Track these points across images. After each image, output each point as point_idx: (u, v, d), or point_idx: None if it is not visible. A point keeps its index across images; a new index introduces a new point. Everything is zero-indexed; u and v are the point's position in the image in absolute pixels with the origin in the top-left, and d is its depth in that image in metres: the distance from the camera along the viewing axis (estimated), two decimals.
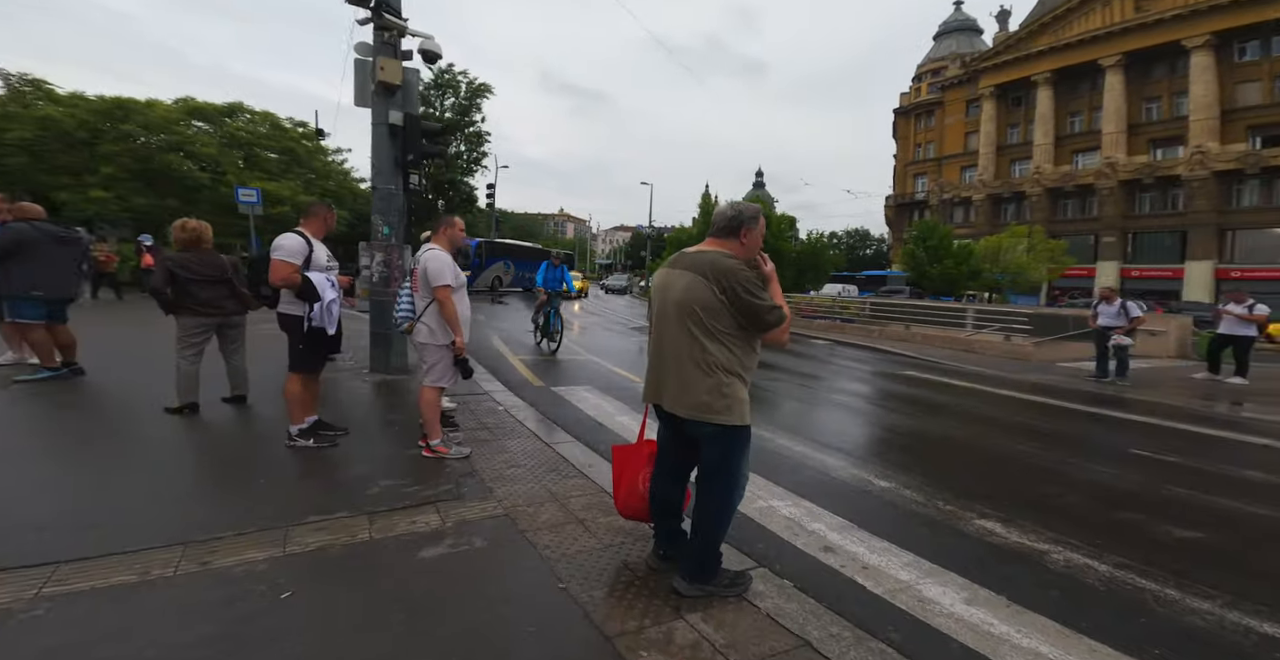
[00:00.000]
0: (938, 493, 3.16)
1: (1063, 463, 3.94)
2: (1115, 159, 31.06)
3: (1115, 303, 8.45)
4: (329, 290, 2.93)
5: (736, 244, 1.87)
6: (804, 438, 4.25)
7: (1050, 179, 33.74)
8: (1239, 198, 27.61)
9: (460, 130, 34.07)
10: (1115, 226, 31.24)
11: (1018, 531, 2.63)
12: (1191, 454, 4.31)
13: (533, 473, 3.04)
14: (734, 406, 1.78)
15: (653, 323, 1.99)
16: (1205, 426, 5.40)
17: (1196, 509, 3.12)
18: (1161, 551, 2.51)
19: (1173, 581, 2.20)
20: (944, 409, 5.87)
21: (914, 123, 46.23)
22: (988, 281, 26.80)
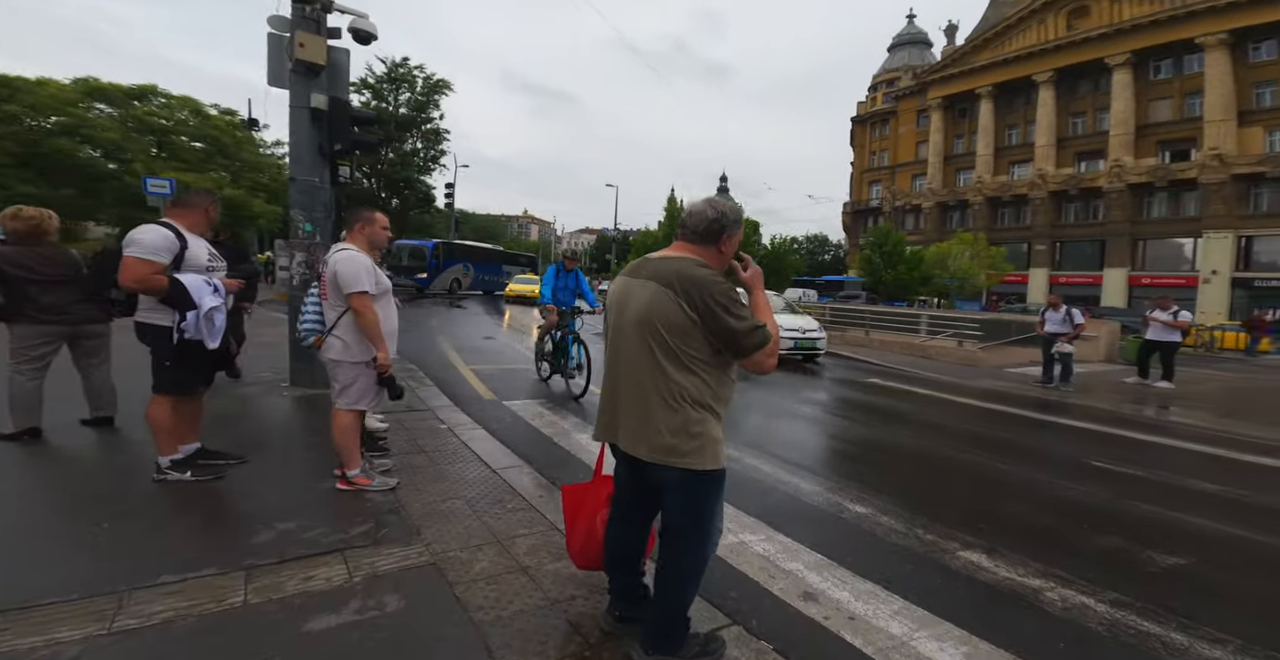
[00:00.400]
0: (915, 518, 2.96)
1: (1030, 478, 3.86)
2: (1045, 171, 33.02)
3: (1061, 310, 8.74)
4: (209, 296, 2.39)
5: (713, 252, 1.54)
6: (773, 456, 4.01)
7: (990, 189, 35.60)
8: (1149, 209, 29.82)
9: (417, 127, 32.73)
10: (1045, 235, 33.18)
11: (1005, 564, 2.44)
12: (1145, 464, 4.34)
13: (472, 506, 2.63)
14: (705, 448, 1.46)
15: (607, 343, 1.64)
16: (1151, 434, 5.53)
17: (1168, 529, 3.05)
18: (1152, 584, 2.37)
19: (1174, 622, 2.04)
20: (910, 420, 5.80)
21: (870, 131, 47.98)
22: (937, 287, 27.95)
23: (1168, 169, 28.33)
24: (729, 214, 1.54)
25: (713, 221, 1.52)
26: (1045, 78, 33.22)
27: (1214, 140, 27.04)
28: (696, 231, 1.54)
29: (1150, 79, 30.12)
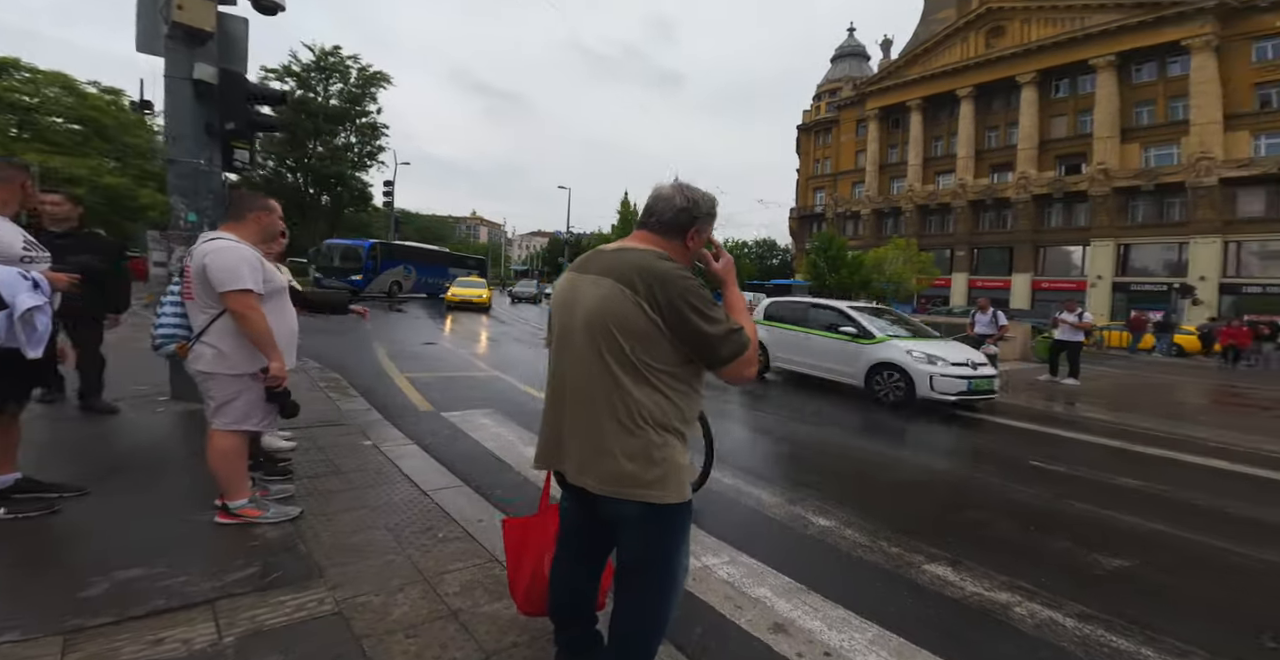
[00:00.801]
0: (879, 530, 2.86)
1: (978, 480, 3.93)
2: (965, 181, 35.41)
3: (989, 312, 9.27)
4: (25, 293, 1.83)
5: (680, 246, 1.31)
6: (732, 466, 3.83)
7: (919, 197, 37.84)
8: (1049, 219, 32.55)
9: (350, 120, 30.80)
10: (965, 242, 35.59)
11: (970, 578, 2.36)
12: (1072, 462, 4.53)
13: (396, 536, 2.26)
14: (669, 477, 1.20)
15: (552, 352, 1.36)
16: (1070, 430, 5.86)
17: (1105, 529, 3.11)
18: (1106, 591, 2.36)
19: (1140, 635, 2.01)
20: (860, 424, 5.85)
21: (814, 139, 49.91)
22: (876, 291, 29.37)
23: (1063, 182, 31.05)
24: (701, 203, 1.30)
25: (682, 211, 1.28)
26: (966, 93, 35.67)
27: (1101, 156, 29.84)
28: (663, 221, 1.29)
29: (1051, 97, 32.88)
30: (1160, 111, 29.03)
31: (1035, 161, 32.85)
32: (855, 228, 42.45)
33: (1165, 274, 27.99)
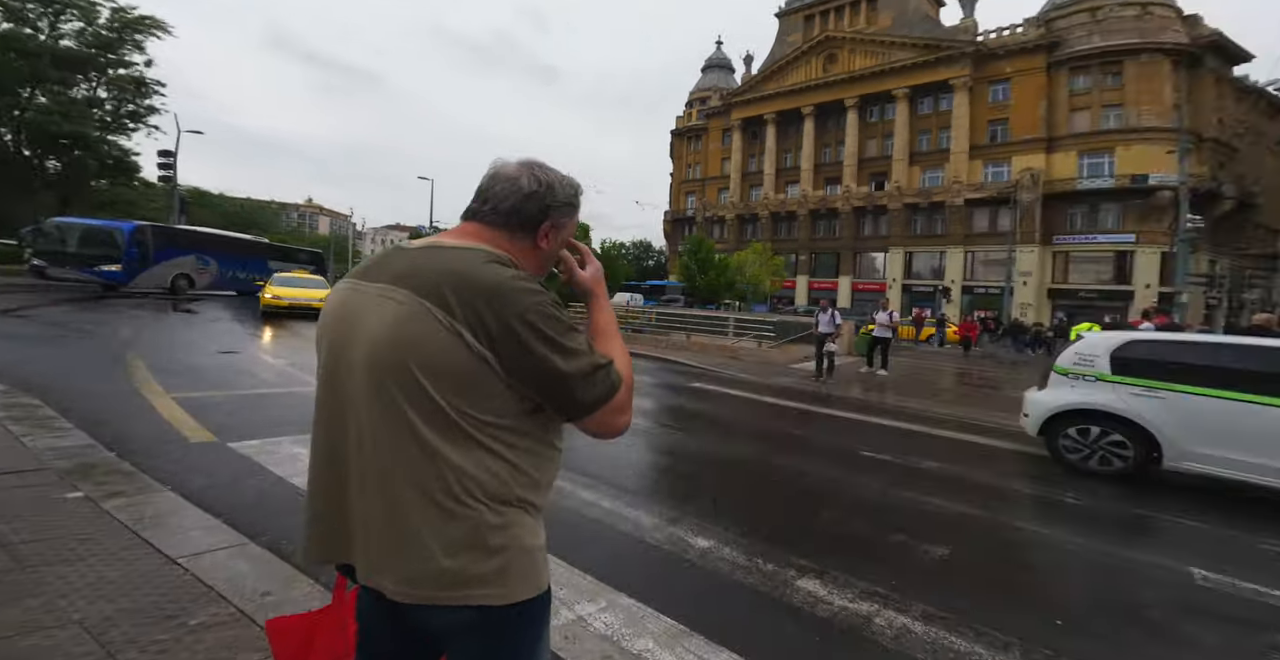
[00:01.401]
0: (754, 545, 2.88)
1: (828, 477, 4.24)
2: (806, 192, 40.29)
3: (829, 312, 10.43)
4: None
5: (527, 245, 0.92)
6: (607, 484, 3.64)
7: (772, 205, 41.97)
8: (863, 228, 38.26)
9: (97, 70, 24.40)
10: (806, 247, 40.45)
11: (836, 589, 2.45)
12: (893, 449, 5.17)
13: (100, 636, 1.60)
14: (513, 567, 0.83)
15: (318, 399, 0.91)
16: (888, 418, 6.72)
17: (927, 517, 3.49)
18: (941, 586, 2.58)
19: (969, 630, 2.19)
20: (729, 426, 6.09)
21: (686, 145, 52.44)
22: (739, 292, 31.91)
23: (873, 196, 36.91)
24: (559, 188, 0.93)
25: (530, 197, 0.90)
26: (809, 111, 40.44)
27: (896, 175, 36.19)
28: (502, 210, 0.89)
29: (868, 121, 38.72)
30: (934, 140, 35.68)
31: (856, 177, 38.36)
32: (721, 231, 45.68)
33: (932, 278, 34.71)
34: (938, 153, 35.36)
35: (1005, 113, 32.85)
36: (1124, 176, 28.37)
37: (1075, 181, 29.97)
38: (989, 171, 33.24)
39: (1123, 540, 3.41)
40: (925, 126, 36.17)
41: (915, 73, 35.14)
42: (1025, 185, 30.37)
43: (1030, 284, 30.39)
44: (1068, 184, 30.07)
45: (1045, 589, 2.70)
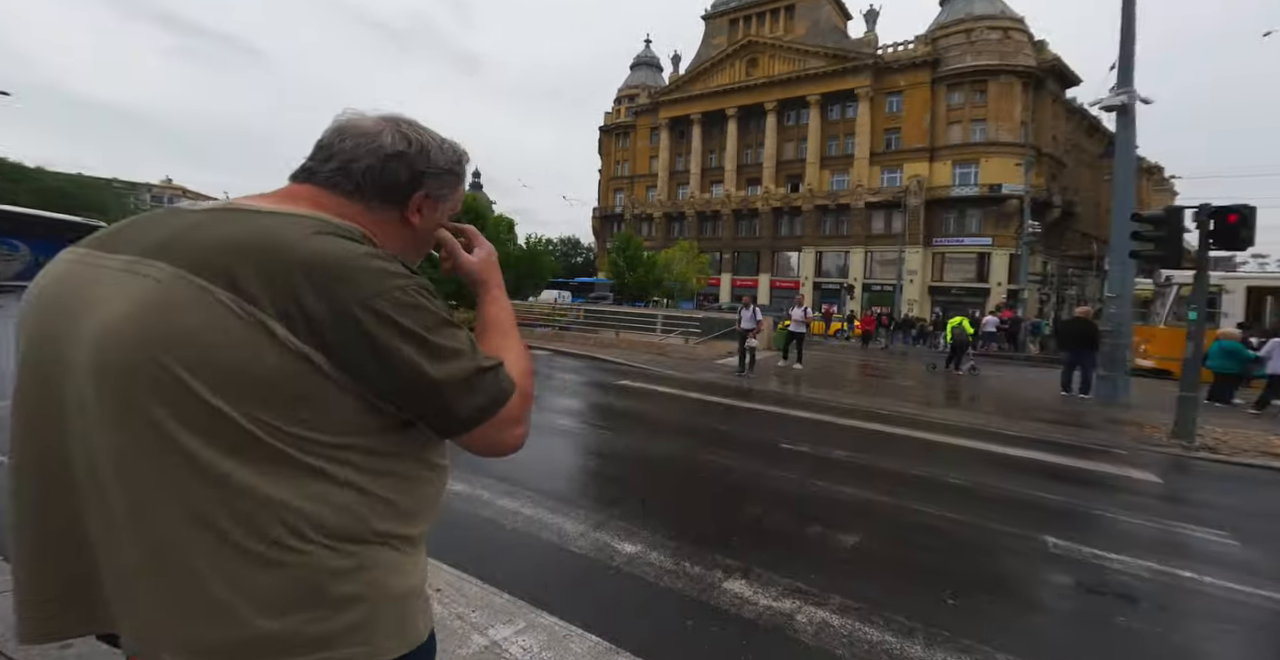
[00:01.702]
0: (680, 547, 2.89)
1: (752, 473, 4.34)
2: (730, 192, 41.82)
3: (751, 309, 10.94)
4: None
5: (393, 219, 0.74)
6: (529, 489, 3.53)
7: (698, 204, 43.17)
8: (780, 228, 40.37)
9: None
10: (730, 246, 42.02)
11: (761, 588, 2.51)
12: (808, 440, 5.45)
13: None
14: (373, 622, 0.64)
15: (17, 414, 0.63)
16: (803, 410, 7.08)
17: (839, 506, 3.70)
18: (853, 576, 2.73)
19: (879, 619, 2.33)
20: (656, 423, 6.12)
21: (615, 141, 52.29)
22: (666, 289, 32.52)
23: (789, 198, 39.10)
24: (437, 153, 0.75)
25: (396, 158, 0.71)
26: (732, 113, 41.89)
27: (809, 178, 38.59)
28: (351, 170, 0.70)
29: (785, 124, 40.82)
30: (841, 145, 38.35)
31: (774, 179, 40.34)
32: (649, 229, 46.20)
33: (839, 276, 37.53)
34: (844, 158, 37.98)
35: (899, 123, 35.96)
36: (985, 186, 32.16)
37: (950, 189, 33.48)
38: (885, 177, 36.22)
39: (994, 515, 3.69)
40: (834, 132, 38.70)
41: (825, 81, 37.53)
42: (913, 191, 33.52)
43: (915, 282, 33.61)
44: (944, 191, 33.51)
45: (939, 568, 2.91)
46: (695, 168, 44.76)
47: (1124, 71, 8.85)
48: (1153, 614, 2.56)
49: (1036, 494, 4.27)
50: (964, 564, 2.98)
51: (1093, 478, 4.91)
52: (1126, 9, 8.86)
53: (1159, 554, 3.20)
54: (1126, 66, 8.84)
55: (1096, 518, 3.86)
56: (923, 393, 9.34)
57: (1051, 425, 6.94)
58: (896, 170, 35.86)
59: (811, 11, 39.60)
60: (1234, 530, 3.65)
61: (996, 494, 4.21)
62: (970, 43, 33.80)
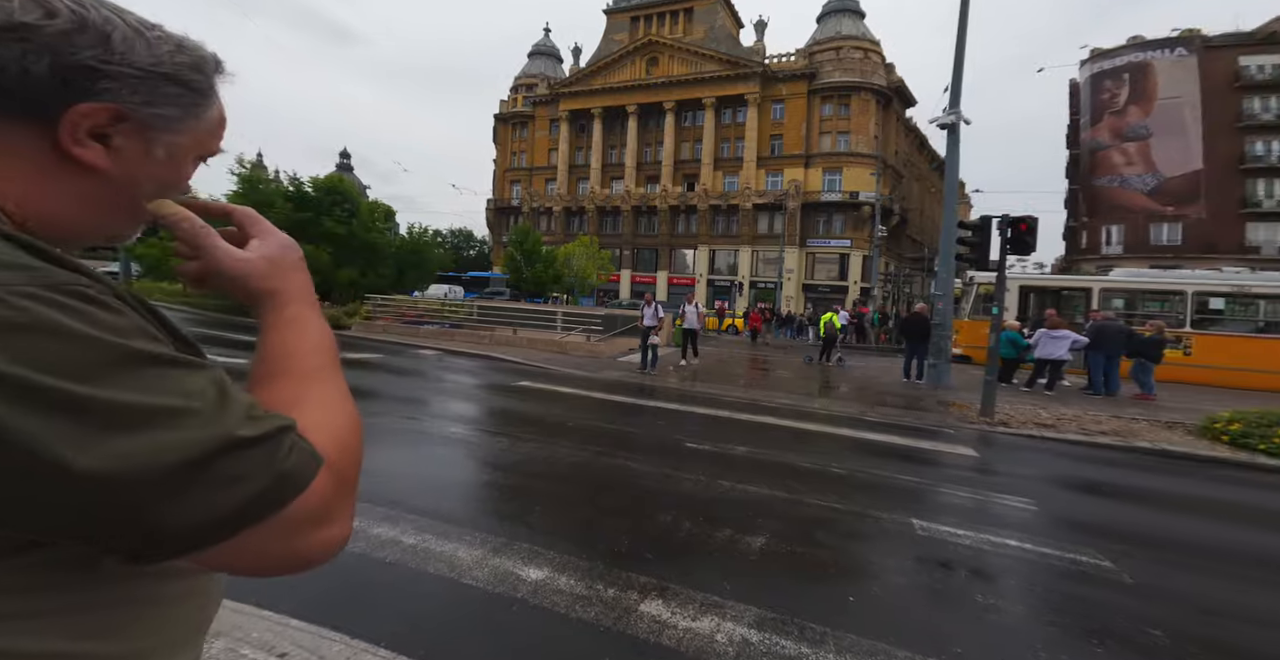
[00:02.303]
0: (593, 567, 2.69)
1: (661, 476, 4.27)
2: (630, 188, 42.28)
3: (653, 306, 11.07)
4: None
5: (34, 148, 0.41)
6: (413, 513, 3.12)
7: (598, 199, 42.98)
8: (677, 226, 41.70)
9: None
10: (630, 242, 42.45)
11: (679, 607, 2.39)
12: (710, 438, 5.56)
13: None
14: None
15: None
16: (702, 407, 7.27)
17: (745, 505, 3.74)
18: (765, 583, 2.73)
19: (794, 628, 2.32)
20: (558, 426, 5.84)
21: (512, 131, 49.93)
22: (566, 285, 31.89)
23: (686, 197, 40.57)
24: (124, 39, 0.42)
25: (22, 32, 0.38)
26: (632, 110, 42.28)
27: (704, 179, 40.43)
28: None
29: (683, 125, 42.19)
30: (733, 148, 40.56)
31: (672, 178, 41.50)
32: (549, 223, 44.98)
33: (729, 274, 39.84)
34: (735, 160, 40.16)
35: (781, 129, 38.87)
36: (847, 192, 36.11)
37: (820, 194, 37.08)
38: (770, 180, 38.99)
39: (871, 501, 3.99)
40: (727, 135, 40.73)
41: (720, 85, 39.32)
42: (791, 195, 36.67)
43: (793, 280, 36.70)
44: (816, 196, 37.00)
45: (836, 563, 3.01)
46: (596, 163, 44.44)
47: (954, 95, 10.24)
48: (1004, 586, 2.85)
49: (898, 476, 4.73)
50: (856, 557, 3.12)
51: (931, 456, 5.63)
52: (959, 42, 10.27)
53: (991, 526, 3.64)
54: (956, 91, 10.22)
55: (943, 497, 4.32)
56: (803, 384, 10.08)
57: (900, 410, 7.87)
58: (779, 174, 38.71)
59: (708, 16, 41.21)
60: (1031, 497, 4.33)
61: (869, 480, 4.58)
62: (839, 60, 37.50)
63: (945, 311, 10.37)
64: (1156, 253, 31.55)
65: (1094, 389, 9.95)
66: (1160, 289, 13.33)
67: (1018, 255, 7.92)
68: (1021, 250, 7.68)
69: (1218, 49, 31.59)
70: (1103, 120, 34.37)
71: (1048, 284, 15.39)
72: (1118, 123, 33.75)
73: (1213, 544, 3.67)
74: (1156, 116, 32.47)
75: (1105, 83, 34.39)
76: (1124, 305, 13.45)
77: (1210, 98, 31.26)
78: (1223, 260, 26.64)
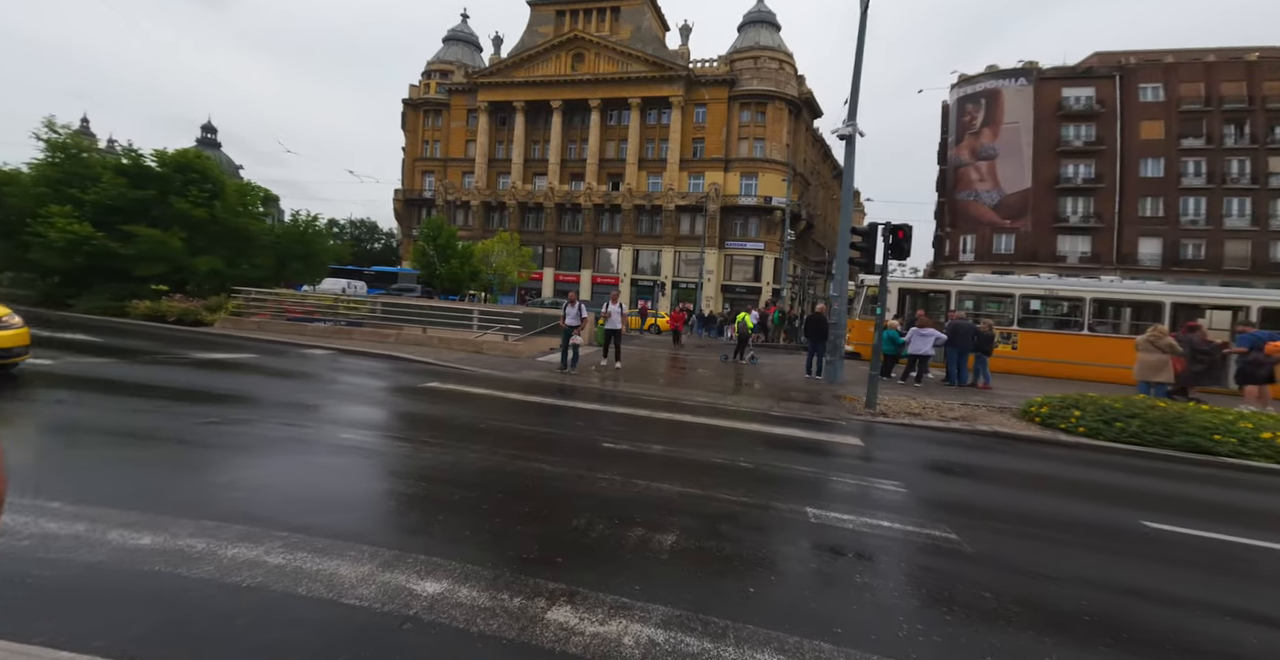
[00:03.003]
0: (499, 575, 2.56)
1: (576, 477, 4.20)
2: (553, 185, 41.80)
3: (577, 305, 10.95)
4: None
5: None
6: (285, 529, 2.80)
7: (520, 195, 41.98)
8: (602, 225, 42.02)
9: None
10: (553, 240, 42.06)
11: (587, 612, 2.33)
12: (628, 437, 5.58)
13: None
14: None
15: None
16: (622, 406, 7.32)
17: (657, 504, 3.74)
18: (671, 579, 2.73)
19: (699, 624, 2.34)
20: (471, 429, 5.57)
21: (423, 118, 47.02)
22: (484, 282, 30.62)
23: (610, 196, 40.90)
24: None
25: None
26: (557, 105, 41.72)
27: (629, 178, 40.97)
28: None
29: (609, 124, 42.42)
30: (657, 149, 41.51)
31: (597, 176, 41.54)
32: (466, 218, 42.98)
33: (653, 274, 40.78)
34: (659, 161, 40.96)
35: (703, 133, 40.27)
36: (761, 197, 38.30)
37: (738, 198, 38.95)
38: (692, 182, 40.30)
39: (773, 493, 4.19)
40: (652, 136, 41.42)
41: (645, 85, 39.88)
42: (712, 197, 38.19)
43: (713, 280, 38.27)
44: (734, 199, 38.81)
45: (740, 555, 3.05)
46: (518, 157, 43.16)
47: (852, 108, 11.15)
48: (878, 565, 3.10)
49: (796, 468, 5.03)
50: (758, 548, 3.20)
51: (826, 447, 6.08)
52: (857, 60, 11.13)
53: (870, 508, 3.97)
54: (854, 105, 11.12)
55: (833, 485, 4.65)
56: (718, 382, 10.45)
57: (801, 404, 8.44)
58: (700, 177, 40.04)
59: (635, 17, 41.56)
60: (902, 480, 4.80)
61: (773, 473, 4.80)
62: (756, 68, 39.54)
63: (840, 312, 11.30)
64: (997, 260, 36.54)
65: (950, 380, 11.46)
66: (995, 292, 15.64)
67: (896, 260, 8.82)
68: (899, 255, 8.56)
69: (1048, 80, 37.05)
70: (964, 140, 39.10)
71: (919, 287, 17.37)
72: (974, 143, 38.59)
73: (1032, 512, 4.30)
74: (1002, 139, 37.52)
75: (967, 106, 39.09)
76: (973, 306, 15.63)
77: (1039, 124, 36.61)
78: (1040, 267, 32.02)
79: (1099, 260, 35.08)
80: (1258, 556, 3.64)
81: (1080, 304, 14.43)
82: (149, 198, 14.87)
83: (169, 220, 14.76)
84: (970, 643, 2.32)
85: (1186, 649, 2.39)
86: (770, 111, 39.25)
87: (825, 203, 50.47)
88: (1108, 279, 17.61)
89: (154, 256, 14.23)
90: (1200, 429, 6.55)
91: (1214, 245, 33.74)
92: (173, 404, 5.65)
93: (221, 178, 16.99)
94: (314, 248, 18.06)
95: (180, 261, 14.68)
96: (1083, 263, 35.21)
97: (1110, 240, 35.35)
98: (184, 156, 16.06)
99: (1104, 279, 17.68)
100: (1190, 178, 34.28)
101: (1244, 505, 5.04)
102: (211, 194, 15.74)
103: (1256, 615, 2.79)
